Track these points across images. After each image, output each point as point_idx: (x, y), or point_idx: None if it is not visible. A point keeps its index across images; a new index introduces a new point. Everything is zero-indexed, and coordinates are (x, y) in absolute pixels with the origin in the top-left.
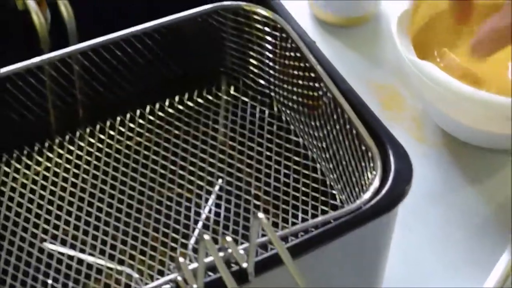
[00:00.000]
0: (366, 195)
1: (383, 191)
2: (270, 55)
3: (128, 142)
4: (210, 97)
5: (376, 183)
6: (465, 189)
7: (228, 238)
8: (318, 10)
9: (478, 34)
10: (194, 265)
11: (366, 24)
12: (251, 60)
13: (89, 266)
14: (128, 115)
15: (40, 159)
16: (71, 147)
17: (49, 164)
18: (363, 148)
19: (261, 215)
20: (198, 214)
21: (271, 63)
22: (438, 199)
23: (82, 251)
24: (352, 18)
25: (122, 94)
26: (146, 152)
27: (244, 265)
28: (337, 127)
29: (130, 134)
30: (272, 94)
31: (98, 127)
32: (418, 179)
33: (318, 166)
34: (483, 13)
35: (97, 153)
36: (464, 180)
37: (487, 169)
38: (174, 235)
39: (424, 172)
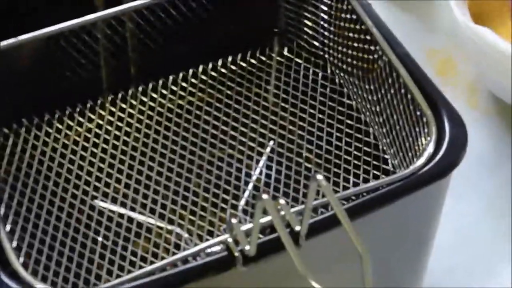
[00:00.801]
0: (420, 161)
1: (437, 157)
2: (325, 16)
3: (180, 101)
4: (263, 58)
5: (430, 148)
6: None
7: (282, 200)
8: None
9: None
10: (247, 226)
11: None
12: (306, 21)
13: (139, 224)
14: (180, 75)
15: (92, 116)
16: (123, 105)
17: (101, 122)
18: (418, 113)
19: (320, 176)
20: (248, 175)
21: (325, 25)
22: (491, 168)
23: (133, 209)
24: None
25: (175, 53)
26: (197, 112)
27: (297, 228)
28: (392, 91)
29: (183, 94)
30: (326, 56)
31: (150, 85)
32: (471, 146)
33: (370, 130)
34: None
35: (149, 112)
36: None
37: None
38: (224, 196)
39: (477, 139)
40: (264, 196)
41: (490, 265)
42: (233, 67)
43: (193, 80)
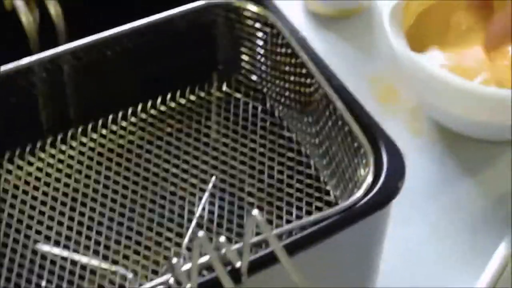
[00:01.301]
0: (360, 192)
1: (376, 188)
2: (262, 51)
3: (120, 141)
4: (202, 94)
5: (369, 179)
6: (462, 182)
7: (222, 238)
8: (311, 2)
9: (487, 34)
10: (188, 265)
11: (360, 16)
12: (243, 56)
13: (83, 267)
14: (120, 114)
15: (32, 159)
16: (63, 147)
17: (41, 165)
18: (356, 144)
19: (255, 212)
20: (192, 212)
21: (263, 59)
22: (435, 193)
23: (76, 252)
24: (345, 10)
25: (114, 92)
26: (138, 151)
27: (238, 265)
28: (330, 123)
29: (123, 133)
30: (265, 90)
31: (90, 126)
32: (414, 172)
33: (311, 162)
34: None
35: (90, 152)
36: (461, 173)
37: (483, 160)
38: (168, 234)
39: (420, 165)
40: (200, 234)
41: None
42: (173, 104)
43: (133, 119)
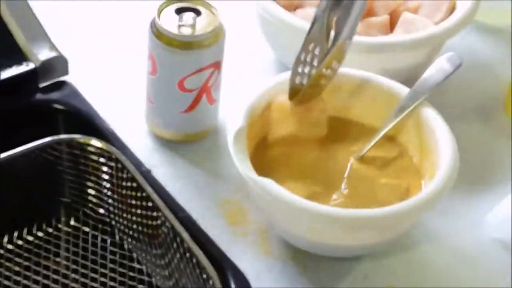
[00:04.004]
0: None
1: None
2: (108, 185)
3: None
4: (50, 230)
5: None
6: None
7: None
8: (156, 128)
9: None
10: None
11: (206, 139)
12: (90, 190)
13: None
14: None
15: None
16: None
17: None
18: (204, 276)
19: None
20: None
21: (109, 193)
22: None
23: None
24: (189, 135)
25: None
26: None
27: None
28: (178, 255)
29: None
30: (113, 223)
31: None
32: None
33: None
34: None
35: None
36: None
37: (332, 277)
38: None
39: (272, 285)
40: None
41: None
42: (20, 242)
43: None
